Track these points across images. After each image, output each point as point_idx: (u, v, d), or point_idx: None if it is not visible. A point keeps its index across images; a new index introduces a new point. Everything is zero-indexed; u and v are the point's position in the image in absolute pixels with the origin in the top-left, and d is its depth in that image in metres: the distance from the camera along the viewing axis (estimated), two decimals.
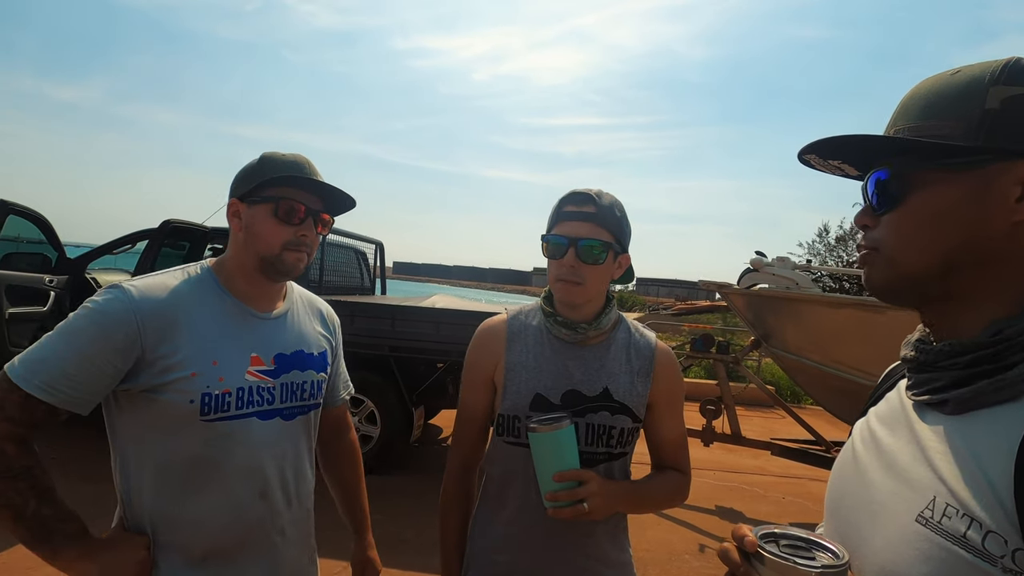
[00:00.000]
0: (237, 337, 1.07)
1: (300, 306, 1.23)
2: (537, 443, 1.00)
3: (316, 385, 1.19)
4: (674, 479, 1.21)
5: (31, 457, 0.95)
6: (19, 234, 4.62)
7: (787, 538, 0.58)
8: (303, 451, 1.17)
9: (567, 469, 0.99)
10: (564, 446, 1.00)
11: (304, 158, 1.12)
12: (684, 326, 11.58)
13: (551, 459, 0.99)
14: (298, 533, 1.17)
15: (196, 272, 1.09)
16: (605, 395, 1.12)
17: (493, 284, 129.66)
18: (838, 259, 15.41)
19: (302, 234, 1.08)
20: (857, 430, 0.69)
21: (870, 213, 0.61)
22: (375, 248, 6.29)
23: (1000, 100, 0.52)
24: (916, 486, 0.54)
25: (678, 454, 1.22)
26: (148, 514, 1.02)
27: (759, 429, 6.47)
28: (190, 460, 1.01)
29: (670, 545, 3.61)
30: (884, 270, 0.60)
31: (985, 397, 0.52)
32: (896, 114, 0.60)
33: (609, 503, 1.03)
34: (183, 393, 0.99)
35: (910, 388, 0.61)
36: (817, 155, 0.63)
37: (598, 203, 1.10)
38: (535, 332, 1.18)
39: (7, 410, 0.91)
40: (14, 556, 2.68)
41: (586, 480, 1.00)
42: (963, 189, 0.54)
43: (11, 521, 0.92)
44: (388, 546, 3.16)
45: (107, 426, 1.05)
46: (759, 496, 4.70)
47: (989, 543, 0.47)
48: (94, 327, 0.95)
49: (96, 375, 0.95)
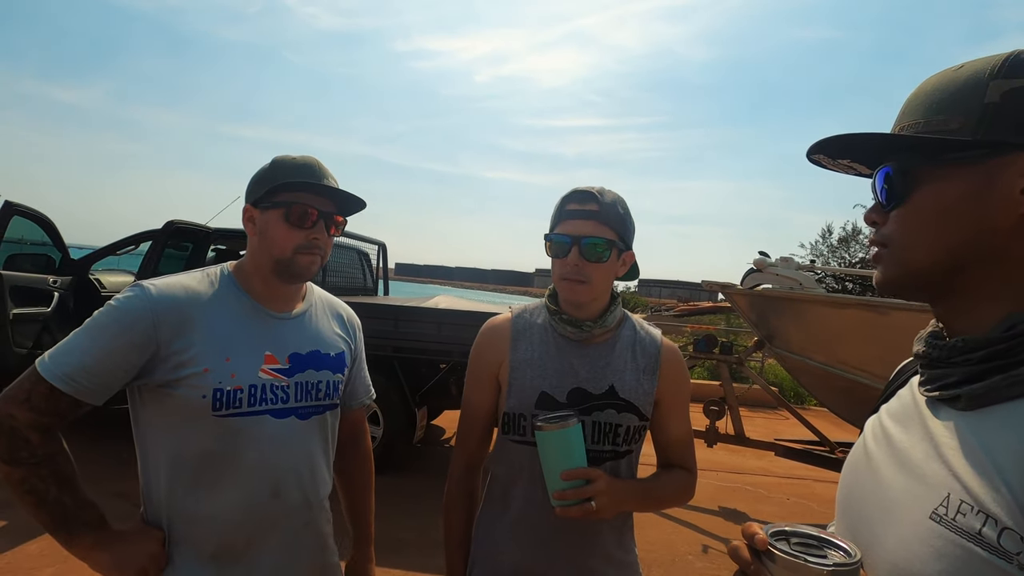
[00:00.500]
0: (251, 336, 1.09)
1: (319, 307, 1.24)
2: (544, 441, 1.00)
3: (332, 385, 1.19)
4: (681, 478, 1.20)
5: (55, 445, 1.00)
6: (23, 235, 4.64)
7: (798, 536, 0.57)
8: (319, 451, 1.17)
9: (574, 467, 0.99)
10: (572, 444, 0.99)
11: (315, 160, 1.13)
12: (687, 327, 11.57)
13: (558, 457, 0.99)
14: (313, 534, 1.17)
15: (216, 274, 1.13)
16: (611, 393, 1.11)
17: (495, 285, 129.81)
18: (841, 260, 15.37)
19: (314, 237, 1.10)
20: (869, 427, 0.69)
21: (879, 210, 0.61)
22: (378, 249, 6.29)
23: (1000, 93, 0.52)
24: (930, 483, 0.54)
25: (684, 452, 1.21)
26: (164, 508, 1.05)
27: (763, 430, 6.45)
28: (202, 455, 1.03)
29: (673, 546, 3.60)
30: (893, 267, 0.60)
31: (998, 393, 0.52)
32: (902, 112, 0.60)
33: (617, 501, 1.02)
34: (196, 388, 1.01)
35: (922, 384, 0.61)
36: (826, 154, 0.63)
37: (601, 201, 1.09)
38: (540, 330, 1.17)
39: (33, 400, 0.96)
40: (17, 557, 2.69)
41: (594, 479, 0.99)
42: (968, 183, 0.54)
43: (33, 507, 0.97)
44: (389, 547, 3.16)
45: (132, 421, 1.08)
46: (763, 497, 4.69)
47: (1005, 540, 0.46)
48: (114, 323, 1.00)
49: (113, 368, 0.99)
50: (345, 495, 1.38)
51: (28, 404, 0.96)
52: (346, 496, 1.38)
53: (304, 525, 1.14)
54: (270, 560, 1.09)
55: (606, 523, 1.11)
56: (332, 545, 1.24)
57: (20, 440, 0.95)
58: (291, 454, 1.10)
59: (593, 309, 1.15)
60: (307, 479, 1.13)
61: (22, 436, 0.95)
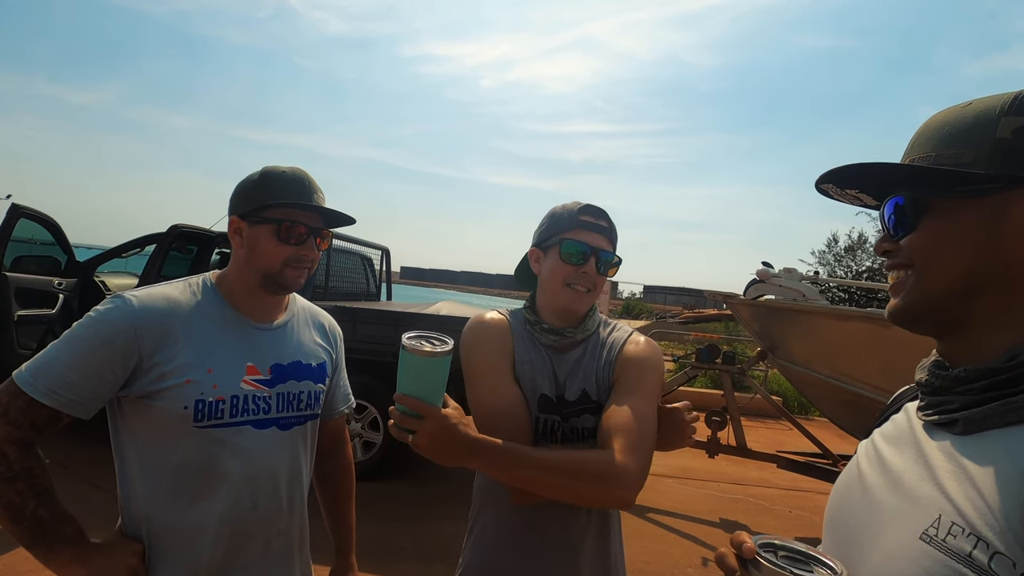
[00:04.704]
0: (233, 346, 1.09)
1: (301, 318, 1.24)
2: (406, 360, 0.90)
3: (313, 396, 1.19)
4: (586, 455, 0.98)
5: (32, 459, 0.98)
6: (31, 236, 4.67)
7: (786, 550, 0.57)
8: (300, 461, 1.18)
9: (421, 396, 0.90)
10: (432, 373, 0.90)
11: (304, 173, 1.13)
12: (692, 335, 11.54)
13: (408, 379, 0.90)
14: (291, 544, 1.17)
15: (198, 284, 1.12)
16: (584, 398, 1.12)
17: (500, 290, 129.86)
18: (847, 269, 15.29)
19: (303, 253, 1.11)
20: (862, 450, 0.70)
21: (888, 239, 0.62)
22: (381, 254, 6.32)
23: (1012, 130, 0.53)
24: (921, 504, 0.54)
25: (615, 435, 0.99)
26: (144, 520, 1.04)
27: (765, 441, 6.41)
28: (183, 466, 1.03)
29: (672, 558, 3.57)
30: (914, 291, 0.60)
31: (995, 418, 0.52)
32: (911, 145, 0.61)
33: (440, 449, 0.90)
34: (177, 399, 1.01)
35: (921, 409, 0.62)
36: (834, 184, 0.64)
37: (609, 220, 1.16)
38: (528, 335, 1.18)
39: (11, 414, 0.95)
40: (15, 558, 2.69)
41: (426, 417, 0.89)
42: (978, 216, 0.55)
43: (9, 521, 0.95)
44: (387, 553, 3.15)
45: (110, 432, 1.07)
46: (764, 509, 4.65)
47: (996, 564, 0.46)
48: (95, 335, 0.99)
49: (96, 381, 0.98)
50: (326, 504, 1.38)
51: (5, 418, 0.94)
52: (327, 505, 1.38)
53: (283, 535, 1.14)
54: (249, 569, 1.09)
55: (590, 528, 1.10)
56: (308, 557, 1.24)
57: None
58: (272, 465, 1.10)
59: (578, 316, 1.16)
60: (287, 490, 1.13)
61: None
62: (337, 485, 1.38)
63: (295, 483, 1.16)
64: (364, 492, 1.56)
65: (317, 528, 1.28)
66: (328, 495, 1.37)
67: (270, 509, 1.10)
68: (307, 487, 1.22)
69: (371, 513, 3.38)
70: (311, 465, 1.23)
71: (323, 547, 1.38)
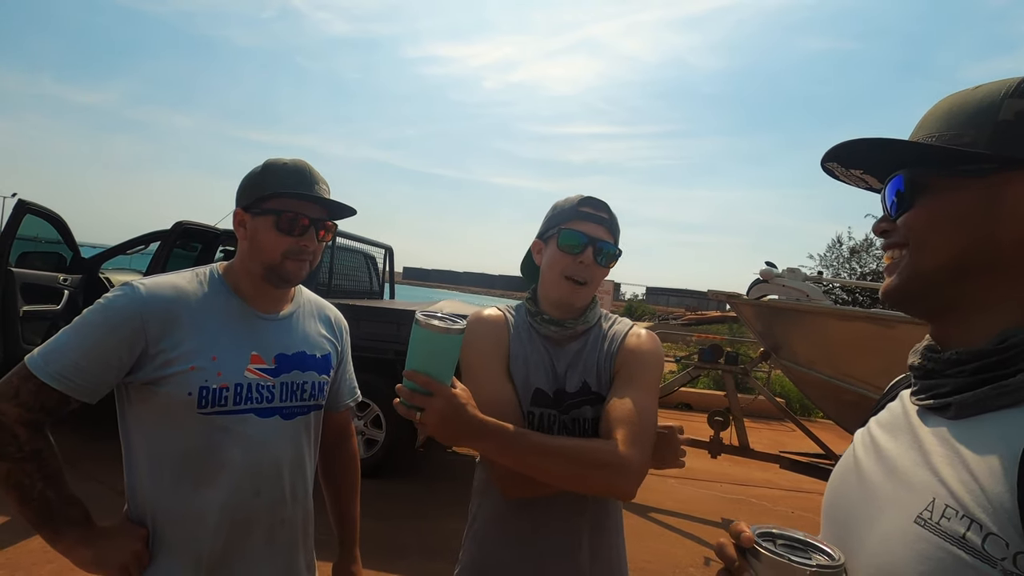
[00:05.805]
0: (238, 335, 1.10)
1: (307, 309, 1.25)
2: (419, 335, 0.89)
3: (317, 386, 1.20)
4: (592, 444, 0.99)
5: (41, 441, 1.00)
6: (37, 233, 4.70)
7: (784, 538, 0.58)
8: (303, 452, 1.18)
9: (431, 374, 0.88)
10: (444, 350, 0.89)
11: (306, 165, 1.14)
12: (694, 336, 11.52)
13: (422, 355, 0.89)
14: (294, 534, 1.17)
15: (205, 274, 1.14)
16: (584, 389, 1.12)
17: (503, 291, 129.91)
18: (852, 271, 15.21)
19: (303, 244, 1.11)
20: (858, 437, 0.70)
21: (887, 219, 0.63)
22: (384, 253, 6.33)
23: (1014, 112, 0.54)
24: (916, 488, 0.55)
25: (617, 426, 1.00)
26: (149, 506, 1.05)
27: (768, 442, 6.39)
28: (186, 453, 1.04)
29: (674, 557, 3.57)
30: (906, 271, 0.61)
31: (988, 402, 0.53)
32: (917, 127, 0.62)
33: (447, 428, 0.89)
34: (182, 386, 1.02)
35: (914, 393, 0.62)
36: (839, 163, 0.64)
37: (611, 212, 1.15)
38: (526, 328, 1.18)
39: (22, 396, 0.97)
40: (19, 552, 2.70)
41: (436, 394, 0.88)
42: (975, 195, 0.56)
43: (17, 502, 0.97)
44: (390, 551, 3.16)
45: (118, 419, 1.09)
46: (767, 510, 4.65)
47: (989, 545, 0.47)
48: (103, 321, 1.01)
49: (104, 366, 1.00)
50: (331, 498, 1.38)
51: (16, 400, 0.97)
52: (332, 499, 1.38)
53: (286, 524, 1.14)
54: (252, 558, 1.10)
55: (587, 523, 1.10)
56: (311, 546, 1.24)
57: (7, 435, 0.96)
58: (274, 454, 1.11)
59: (577, 308, 1.16)
60: (290, 479, 1.14)
61: (9, 431, 0.96)
62: (342, 478, 1.38)
63: (298, 473, 1.16)
64: (366, 490, 1.57)
65: (320, 524, 1.28)
66: (332, 488, 1.38)
67: (273, 498, 1.11)
68: (311, 478, 1.22)
69: (373, 510, 3.39)
70: (315, 456, 1.24)
71: (326, 543, 1.38)
